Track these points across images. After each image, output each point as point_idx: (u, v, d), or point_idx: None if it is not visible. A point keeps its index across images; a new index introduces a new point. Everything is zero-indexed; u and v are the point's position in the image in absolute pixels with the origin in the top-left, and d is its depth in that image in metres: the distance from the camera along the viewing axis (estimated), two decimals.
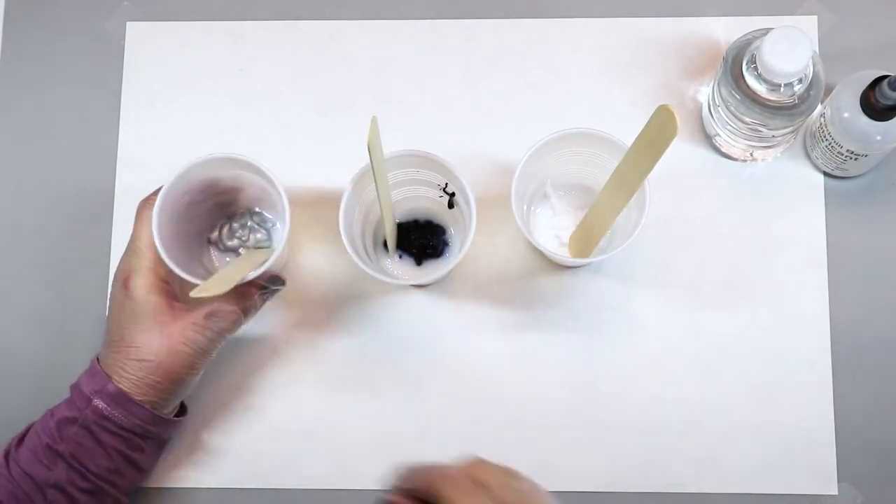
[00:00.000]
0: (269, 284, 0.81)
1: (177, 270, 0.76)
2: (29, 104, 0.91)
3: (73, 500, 0.75)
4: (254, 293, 0.79)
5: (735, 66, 0.80)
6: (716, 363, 0.85)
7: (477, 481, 0.62)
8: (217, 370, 0.84)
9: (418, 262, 0.85)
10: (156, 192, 0.78)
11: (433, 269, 0.85)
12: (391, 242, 0.84)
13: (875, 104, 0.78)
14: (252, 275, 0.76)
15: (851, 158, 0.83)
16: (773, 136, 0.83)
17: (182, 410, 0.82)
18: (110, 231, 0.89)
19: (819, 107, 0.81)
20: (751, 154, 0.87)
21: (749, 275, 0.86)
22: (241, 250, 0.85)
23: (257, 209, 0.86)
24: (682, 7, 0.90)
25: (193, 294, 0.71)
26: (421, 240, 0.85)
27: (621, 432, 0.84)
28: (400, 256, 0.86)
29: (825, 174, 0.87)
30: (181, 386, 0.78)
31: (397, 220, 0.85)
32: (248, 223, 0.86)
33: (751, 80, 0.79)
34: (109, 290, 0.80)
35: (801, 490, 0.83)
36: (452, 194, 0.83)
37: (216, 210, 0.85)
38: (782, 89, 0.78)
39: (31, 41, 0.92)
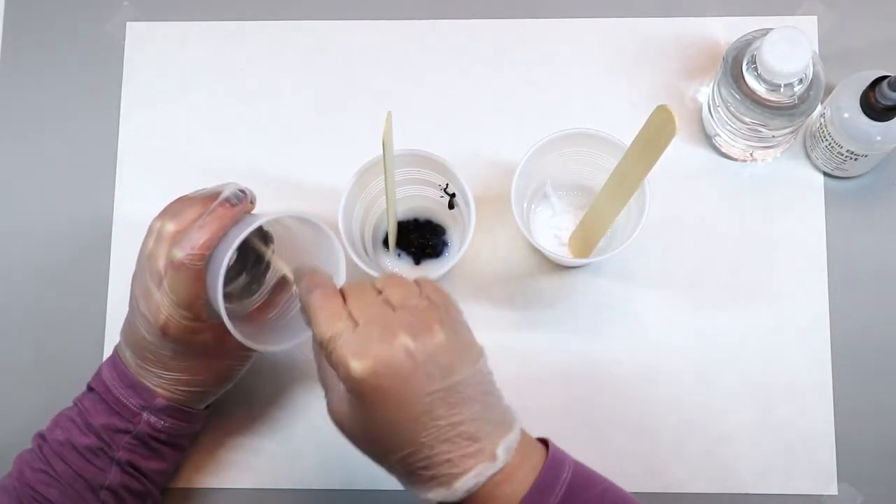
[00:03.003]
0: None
1: (250, 343, 0.70)
2: (29, 104, 0.91)
3: (123, 501, 0.76)
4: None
5: (735, 66, 0.80)
6: (715, 363, 0.85)
7: (377, 289, 0.64)
8: None
9: (417, 262, 0.86)
10: (186, 239, 0.70)
11: (431, 269, 0.85)
12: (392, 239, 0.84)
13: (875, 104, 0.78)
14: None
15: (851, 159, 0.83)
16: (773, 137, 0.83)
17: None
18: (110, 232, 0.89)
19: (819, 107, 0.81)
20: (751, 154, 0.87)
21: (749, 275, 0.86)
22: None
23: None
24: (682, 7, 0.90)
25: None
26: (420, 239, 0.85)
27: (621, 432, 0.84)
28: (399, 255, 0.86)
29: (825, 174, 0.87)
30: (227, 387, 0.79)
31: (398, 219, 0.85)
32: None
33: (751, 80, 0.79)
34: (129, 313, 0.76)
35: (801, 490, 0.83)
36: (453, 195, 0.83)
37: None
38: (782, 89, 0.78)
39: (31, 41, 0.92)
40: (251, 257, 0.80)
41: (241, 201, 0.73)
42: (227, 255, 0.68)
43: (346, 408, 0.62)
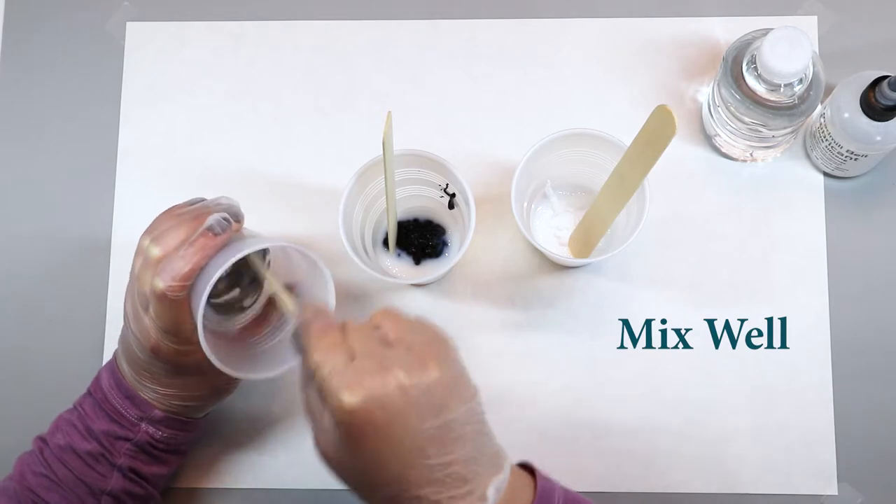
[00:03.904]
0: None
1: (232, 372, 0.70)
2: (29, 105, 0.91)
3: None
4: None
5: (735, 66, 0.80)
6: (715, 363, 0.85)
7: (375, 324, 0.62)
8: None
9: (417, 262, 0.86)
10: (175, 268, 0.69)
11: (431, 269, 0.85)
12: (392, 239, 0.84)
13: (875, 104, 0.78)
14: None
15: (851, 159, 0.83)
16: (773, 137, 0.83)
17: None
18: (110, 232, 0.89)
19: (819, 107, 0.81)
20: (751, 154, 0.87)
21: (749, 275, 0.86)
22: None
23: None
24: (682, 7, 0.90)
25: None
26: (420, 239, 0.85)
27: (621, 432, 0.84)
28: (398, 255, 0.86)
29: (825, 174, 0.87)
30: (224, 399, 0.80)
31: (398, 219, 0.85)
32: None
33: (751, 80, 0.79)
34: (123, 328, 0.76)
35: (801, 490, 0.83)
36: (453, 195, 0.83)
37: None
38: (782, 89, 0.78)
39: (31, 41, 0.92)
40: (247, 271, 0.80)
41: (225, 230, 0.71)
42: (207, 289, 0.67)
43: (334, 441, 0.61)
